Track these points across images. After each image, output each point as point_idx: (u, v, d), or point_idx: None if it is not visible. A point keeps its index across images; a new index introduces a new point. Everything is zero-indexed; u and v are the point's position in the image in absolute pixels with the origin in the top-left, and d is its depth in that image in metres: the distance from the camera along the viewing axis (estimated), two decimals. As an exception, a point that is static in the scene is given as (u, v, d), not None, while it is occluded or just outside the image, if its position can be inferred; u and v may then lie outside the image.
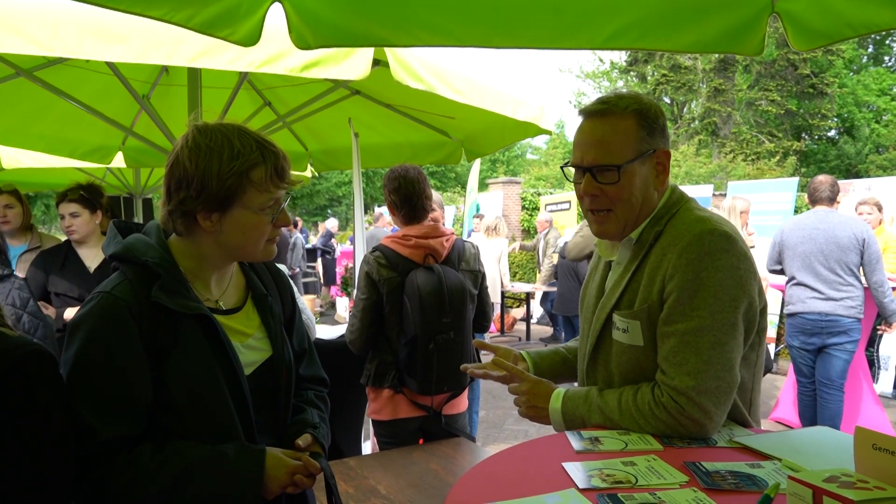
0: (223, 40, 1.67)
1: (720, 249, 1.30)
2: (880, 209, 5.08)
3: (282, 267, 1.70)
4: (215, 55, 2.19)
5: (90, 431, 1.16)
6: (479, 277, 2.78)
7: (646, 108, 1.41)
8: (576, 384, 1.58)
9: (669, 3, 1.81)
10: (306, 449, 1.41)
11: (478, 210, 10.55)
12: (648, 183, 1.43)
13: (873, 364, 5.89)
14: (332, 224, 14.18)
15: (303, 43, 1.77)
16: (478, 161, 11.23)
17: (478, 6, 1.78)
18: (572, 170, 1.48)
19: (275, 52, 2.24)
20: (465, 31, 1.82)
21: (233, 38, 1.66)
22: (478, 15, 1.79)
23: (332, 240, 13.58)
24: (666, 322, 1.32)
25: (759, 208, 7.41)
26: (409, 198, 2.61)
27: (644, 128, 1.40)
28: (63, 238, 3.43)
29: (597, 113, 1.43)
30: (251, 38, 1.68)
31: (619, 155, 1.39)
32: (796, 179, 8.17)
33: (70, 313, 3.04)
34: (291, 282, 1.67)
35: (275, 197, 1.32)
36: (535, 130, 3.65)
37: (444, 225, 2.74)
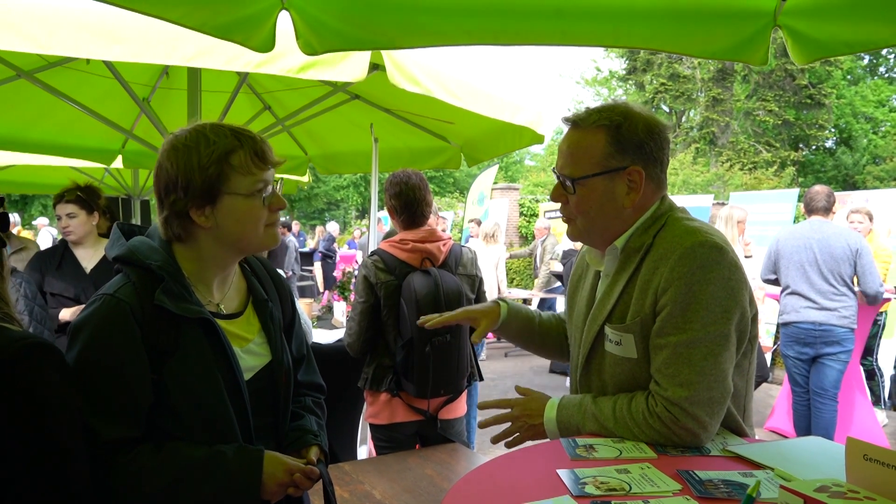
0: (240, 45, 1.71)
1: (712, 262, 1.30)
2: (871, 219, 5.10)
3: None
4: (213, 55, 2.19)
5: (91, 432, 1.17)
6: (476, 282, 2.79)
7: (624, 124, 1.38)
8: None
9: (677, 12, 1.82)
10: (316, 462, 1.41)
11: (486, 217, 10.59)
12: (615, 199, 1.41)
13: (874, 375, 5.83)
14: (333, 228, 14.17)
15: (309, 49, 1.80)
16: (494, 168, 11.28)
17: (483, 6, 1.79)
18: None
19: (273, 52, 2.24)
20: (471, 30, 1.82)
21: (249, 45, 1.70)
22: (484, 13, 1.80)
23: (334, 244, 13.57)
24: (658, 334, 1.32)
25: (759, 219, 7.43)
26: (409, 204, 2.62)
27: (614, 144, 1.39)
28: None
29: (570, 123, 1.46)
30: (266, 45, 1.73)
31: (578, 168, 1.42)
32: (796, 191, 8.20)
33: (66, 313, 3.03)
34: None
35: (261, 179, 1.31)
36: (531, 139, 3.65)
37: (445, 231, 2.75)
